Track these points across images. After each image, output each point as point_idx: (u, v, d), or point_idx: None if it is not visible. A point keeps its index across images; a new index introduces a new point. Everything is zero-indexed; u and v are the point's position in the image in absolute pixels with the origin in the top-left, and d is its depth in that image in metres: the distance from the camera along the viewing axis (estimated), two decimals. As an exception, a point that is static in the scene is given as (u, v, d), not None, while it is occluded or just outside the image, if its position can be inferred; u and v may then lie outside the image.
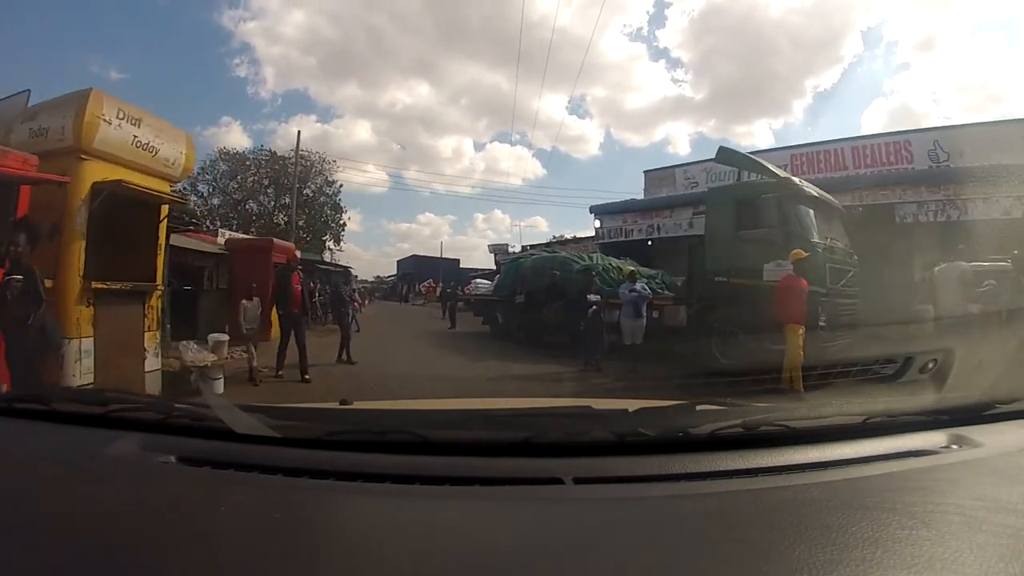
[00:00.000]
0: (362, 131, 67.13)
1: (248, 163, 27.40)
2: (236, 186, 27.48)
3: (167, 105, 50.23)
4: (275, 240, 13.40)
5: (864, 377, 2.91)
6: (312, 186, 28.66)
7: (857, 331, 7.44)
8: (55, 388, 4.10)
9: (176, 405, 1.08)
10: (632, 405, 1.11)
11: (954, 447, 0.98)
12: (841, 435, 1.00)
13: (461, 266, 42.59)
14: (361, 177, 66.20)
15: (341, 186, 29.77)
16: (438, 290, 30.58)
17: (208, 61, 55.38)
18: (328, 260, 25.18)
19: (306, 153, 27.72)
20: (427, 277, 42.08)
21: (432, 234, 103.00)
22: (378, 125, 73.72)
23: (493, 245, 37.69)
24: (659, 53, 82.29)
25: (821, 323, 6.74)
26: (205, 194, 27.19)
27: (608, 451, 0.95)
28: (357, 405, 1.39)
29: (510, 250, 30.72)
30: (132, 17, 52.74)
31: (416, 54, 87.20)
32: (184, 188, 26.57)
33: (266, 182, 27.33)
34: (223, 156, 27.45)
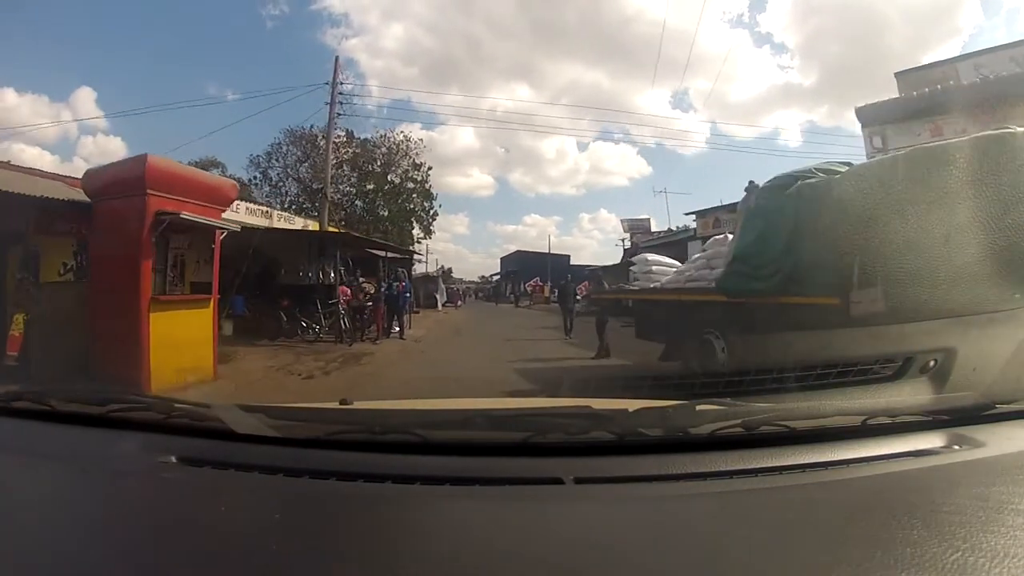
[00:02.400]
0: (465, 136, 68.51)
1: (320, 145, 23.09)
2: (310, 171, 24.29)
3: (277, 121, 50.88)
4: (162, 163, 6.18)
5: (864, 377, 2.89)
6: (397, 171, 25.83)
7: None
8: (55, 388, 4.10)
9: (176, 405, 1.08)
10: (632, 405, 1.11)
11: (954, 447, 0.97)
12: (841, 435, 1.00)
13: (571, 263, 38.78)
14: (467, 181, 66.16)
15: (431, 169, 26.67)
16: (546, 290, 26.03)
17: (315, 78, 56.04)
18: (411, 251, 20.75)
19: (388, 133, 25.54)
20: (533, 275, 38.47)
21: (538, 235, 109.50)
22: (481, 129, 74.26)
23: (629, 220, 30.05)
24: (762, 39, 76.44)
25: None
26: (275, 180, 24.78)
27: (608, 451, 0.95)
28: (357, 405, 1.39)
29: (653, 229, 24.38)
30: (241, 40, 53.66)
31: (515, 57, 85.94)
32: (256, 177, 23.81)
33: (346, 168, 24.47)
34: (292, 138, 24.24)
